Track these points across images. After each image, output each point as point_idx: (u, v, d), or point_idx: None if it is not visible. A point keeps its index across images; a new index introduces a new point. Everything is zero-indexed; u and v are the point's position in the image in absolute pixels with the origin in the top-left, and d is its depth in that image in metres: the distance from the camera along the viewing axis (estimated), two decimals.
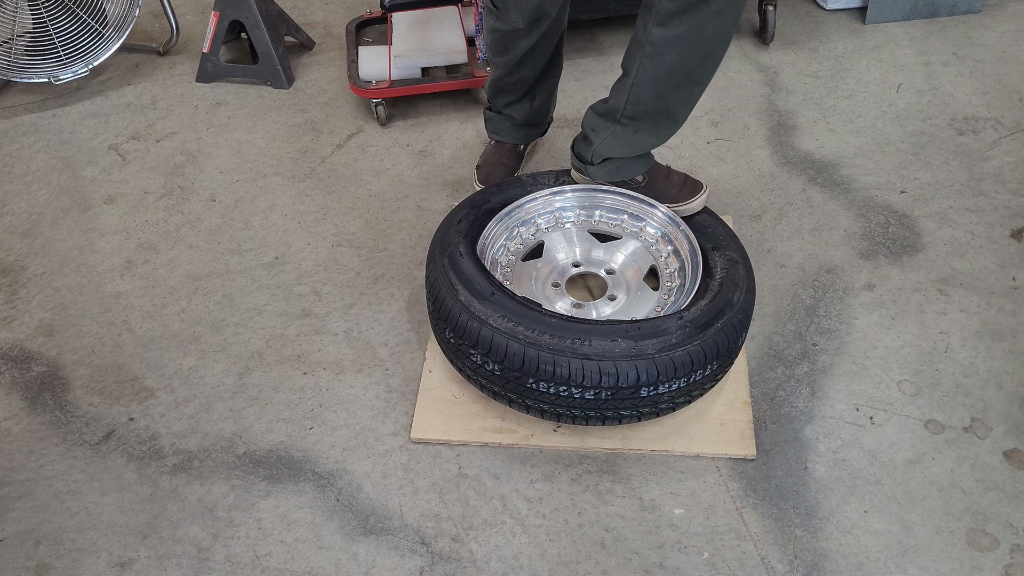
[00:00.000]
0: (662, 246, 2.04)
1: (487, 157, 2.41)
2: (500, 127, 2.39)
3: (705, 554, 1.68)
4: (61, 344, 2.17)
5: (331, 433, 1.93)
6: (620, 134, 1.98)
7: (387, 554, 1.71)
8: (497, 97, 2.33)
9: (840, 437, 1.85)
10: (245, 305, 2.23)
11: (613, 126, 1.98)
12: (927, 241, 2.25)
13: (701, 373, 1.72)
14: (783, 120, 2.67)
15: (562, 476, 1.81)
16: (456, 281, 1.81)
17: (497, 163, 2.38)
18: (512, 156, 2.41)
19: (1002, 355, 1.98)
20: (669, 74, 1.85)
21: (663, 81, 1.86)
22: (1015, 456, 1.79)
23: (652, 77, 1.86)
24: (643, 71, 1.86)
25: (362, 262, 2.32)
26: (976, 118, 2.62)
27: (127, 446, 1.93)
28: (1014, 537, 1.67)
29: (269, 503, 1.81)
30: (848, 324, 2.07)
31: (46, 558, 1.74)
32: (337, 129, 2.78)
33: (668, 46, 1.80)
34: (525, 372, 1.69)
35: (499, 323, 1.72)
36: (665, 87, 1.87)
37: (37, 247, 2.44)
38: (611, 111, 1.98)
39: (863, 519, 1.71)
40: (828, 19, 3.08)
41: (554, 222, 2.12)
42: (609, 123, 1.99)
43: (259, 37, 2.89)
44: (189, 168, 2.67)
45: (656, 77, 1.85)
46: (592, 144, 2.03)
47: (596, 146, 2.02)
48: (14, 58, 2.87)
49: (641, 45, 1.83)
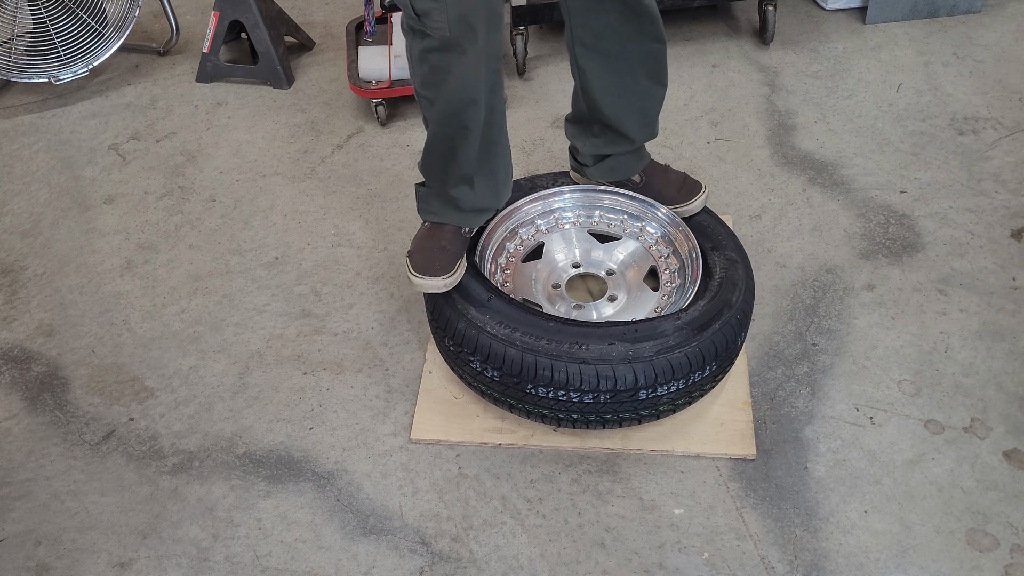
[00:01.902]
0: (662, 246, 2.04)
1: (420, 242, 1.90)
2: (437, 207, 1.91)
3: (705, 554, 1.68)
4: (61, 344, 2.17)
5: (331, 433, 1.93)
6: (599, 132, 2.00)
7: (387, 554, 1.71)
8: (433, 176, 1.88)
9: (840, 437, 1.85)
10: (245, 305, 2.23)
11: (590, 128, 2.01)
12: (927, 241, 2.25)
13: (700, 374, 1.72)
14: (783, 120, 2.67)
15: (562, 476, 1.81)
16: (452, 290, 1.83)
17: (437, 248, 1.86)
18: (456, 239, 1.89)
19: (1002, 355, 1.98)
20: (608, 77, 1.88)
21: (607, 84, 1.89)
22: (1015, 456, 1.79)
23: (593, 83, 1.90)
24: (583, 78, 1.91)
25: (362, 262, 2.32)
26: (976, 118, 2.62)
27: (127, 446, 1.93)
28: (1014, 537, 1.67)
29: (269, 503, 1.81)
30: (848, 324, 2.07)
31: (46, 558, 1.74)
32: (337, 129, 2.78)
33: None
34: (523, 378, 1.69)
35: (496, 329, 1.72)
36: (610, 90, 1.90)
37: (37, 247, 2.44)
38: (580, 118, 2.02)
39: (863, 519, 1.71)
40: (828, 19, 3.08)
41: (553, 223, 2.12)
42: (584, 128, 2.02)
43: (259, 37, 2.89)
44: (189, 168, 2.67)
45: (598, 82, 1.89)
46: (580, 148, 2.06)
47: (583, 148, 2.05)
48: (14, 58, 2.87)
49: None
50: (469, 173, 1.83)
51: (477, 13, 1.62)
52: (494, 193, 1.92)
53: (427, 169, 1.88)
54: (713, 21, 3.11)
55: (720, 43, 3.01)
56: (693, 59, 2.93)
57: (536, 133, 2.69)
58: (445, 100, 1.73)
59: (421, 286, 1.82)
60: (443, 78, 1.70)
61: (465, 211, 1.88)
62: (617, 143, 2.01)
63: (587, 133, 2.03)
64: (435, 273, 1.82)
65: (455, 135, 1.77)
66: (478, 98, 1.72)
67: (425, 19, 1.62)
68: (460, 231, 1.89)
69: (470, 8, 1.61)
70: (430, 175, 1.88)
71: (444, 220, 1.89)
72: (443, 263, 1.83)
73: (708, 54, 2.96)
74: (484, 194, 1.89)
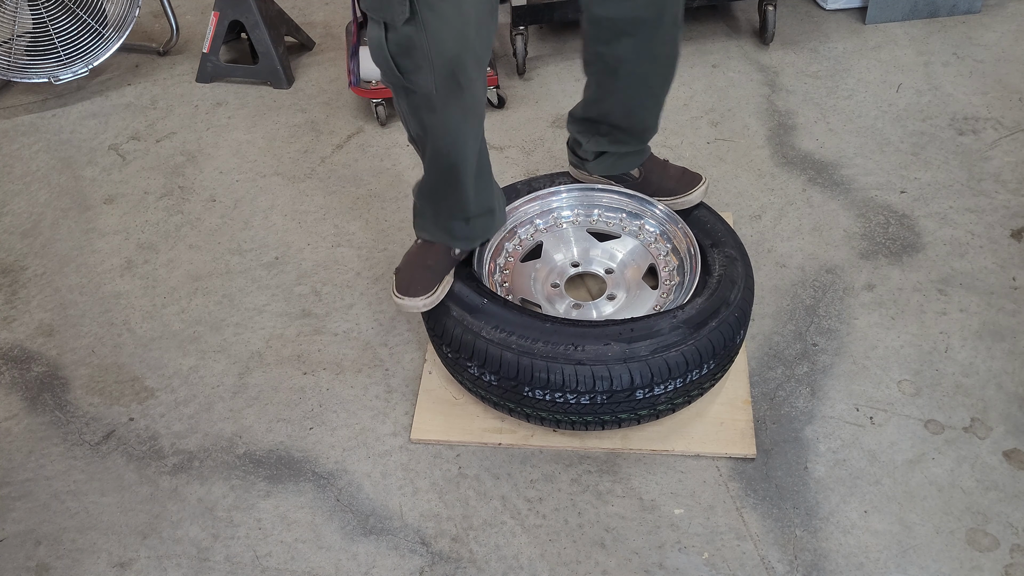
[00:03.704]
0: (660, 244, 2.04)
1: (408, 258, 1.89)
2: (431, 228, 1.88)
3: (705, 554, 1.68)
4: (61, 344, 2.17)
5: (331, 433, 1.93)
6: (606, 132, 2.00)
7: (387, 554, 1.71)
8: (428, 207, 1.88)
9: (840, 437, 1.85)
10: (245, 305, 2.23)
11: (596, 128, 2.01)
12: (927, 241, 2.25)
13: (698, 373, 1.71)
14: (783, 120, 2.67)
15: (562, 476, 1.81)
16: (445, 299, 1.83)
17: (422, 267, 1.85)
18: (443, 259, 1.86)
19: (1002, 355, 1.98)
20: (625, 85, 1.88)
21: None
22: (1015, 456, 1.79)
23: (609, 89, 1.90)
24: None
25: (362, 262, 2.32)
26: (976, 118, 2.62)
27: (127, 446, 1.93)
28: (1014, 537, 1.67)
29: (269, 503, 1.81)
30: (848, 324, 2.07)
31: (46, 558, 1.74)
32: (337, 129, 2.78)
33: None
34: (520, 381, 1.69)
35: (492, 334, 1.72)
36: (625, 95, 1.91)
37: (37, 247, 2.44)
38: (587, 117, 2.02)
39: (863, 519, 1.71)
40: (828, 19, 3.08)
41: (552, 222, 2.12)
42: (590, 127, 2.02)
43: (259, 37, 2.89)
44: (189, 168, 2.67)
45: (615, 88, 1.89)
46: (582, 144, 2.05)
47: (586, 144, 2.04)
48: (14, 58, 2.87)
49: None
50: (468, 215, 1.83)
51: (466, 67, 1.56)
52: (489, 228, 1.91)
53: (423, 201, 1.87)
54: (713, 21, 3.11)
55: (720, 43, 3.01)
56: (693, 59, 2.93)
57: (536, 133, 2.69)
58: (433, 149, 1.71)
59: (400, 306, 1.84)
60: (432, 131, 1.66)
61: (458, 238, 1.87)
62: (623, 143, 2.01)
63: (593, 132, 2.02)
64: (414, 293, 1.82)
65: (450, 178, 1.75)
66: (468, 142, 1.70)
67: (412, 76, 1.55)
68: (450, 252, 1.87)
69: (459, 64, 1.54)
70: (425, 207, 1.87)
71: (435, 240, 1.87)
72: (424, 283, 1.83)
73: (708, 54, 2.96)
74: (480, 229, 1.89)
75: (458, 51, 1.52)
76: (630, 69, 1.84)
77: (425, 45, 1.50)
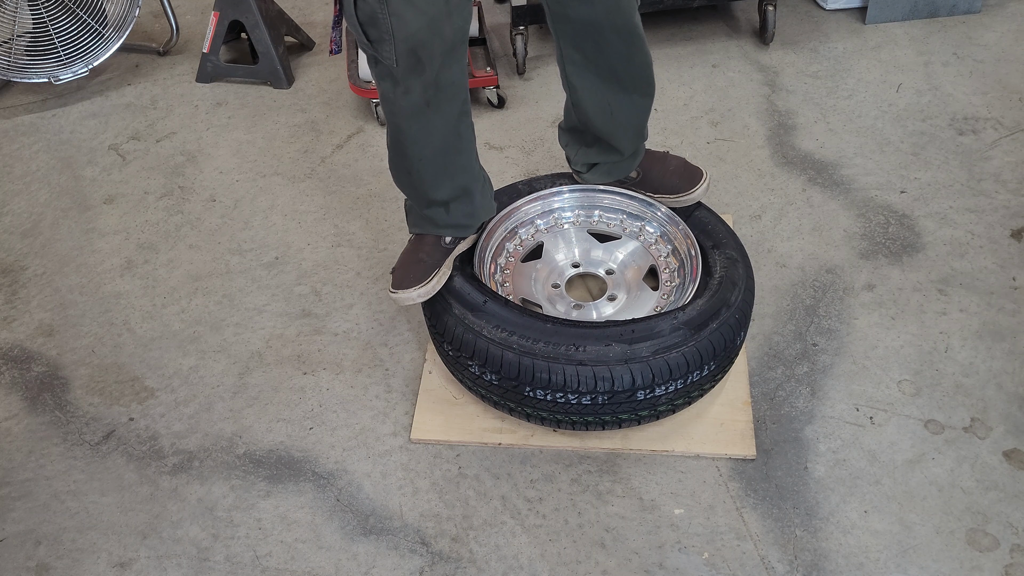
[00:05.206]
0: (661, 245, 2.04)
1: (402, 256, 1.91)
2: (416, 219, 1.91)
3: (705, 554, 1.68)
4: (61, 344, 2.17)
5: (331, 433, 1.93)
6: (592, 143, 2.01)
7: (387, 554, 1.71)
8: (406, 193, 1.92)
9: (840, 437, 1.85)
10: (245, 305, 2.23)
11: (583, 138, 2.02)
12: (927, 241, 2.25)
13: (698, 374, 1.72)
14: (783, 120, 2.67)
15: (562, 476, 1.81)
16: (447, 295, 1.83)
17: (414, 260, 1.87)
18: (434, 251, 1.88)
19: (1002, 355, 1.98)
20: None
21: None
22: (1015, 456, 1.79)
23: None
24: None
25: (362, 262, 2.32)
26: (976, 118, 2.62)
27: (127, 446, 1.93)
28: (1014, 537, 1.67)
29: (269, 503, 1.81)
30: (848, 324, 2.07)
31: (46, 558, 1.74)
32: (337, 129, 2.78)
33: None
34: (521, 381, 1.69)
35: (493, 334, 1.72)
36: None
37: (37, 247, 2.44)
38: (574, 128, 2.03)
39: (863, 519, 1.71)
40: (828, 19, 3.08)
41: (553, 223, 2.12)
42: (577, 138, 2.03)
43: (259, 37, 2.89)
44: (189, 168, 2.67)
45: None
46: (572, 157, 2.07)
47: (575, 157, 2.06)
48: (14, 58, 2.87)
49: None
50: (442, 199, 1.83)
51: (429, 48, 1.58)
52: (471, 216, 1.90)
53: (399, 186, 1.88)
54: (713, 21, 3.11)
55: (720, 43, 3.01)
56: (693, 59, 2.94)
57: (536, 133, 2.69)
58: (392, 124, 1.74)
59: (396, 300, 1.85)
60: (393, 106, 1.69)
61: (441, 226, 1.87)
62: (610, 153, 2.01)
63: (580, 143, 2.04)
64: (407, 285, 1.83)
65: (411, 163, 1.77)
66: (432, 122, 1.70)
67: (377, 46, 1.60)
68: (440, 241, 1.87)
69: (420, 43, 1.57)
70: (406, 192, 1.89)
71: (423, 231, 1.89)
72: (416, 274, 1.84)
73: (708, 54, 2.96)
74: (460, 216, 1.88)
75: (418, 29, 1.55)
76: (591, 57, 1.83)
77: (386, 20, 1.54)
